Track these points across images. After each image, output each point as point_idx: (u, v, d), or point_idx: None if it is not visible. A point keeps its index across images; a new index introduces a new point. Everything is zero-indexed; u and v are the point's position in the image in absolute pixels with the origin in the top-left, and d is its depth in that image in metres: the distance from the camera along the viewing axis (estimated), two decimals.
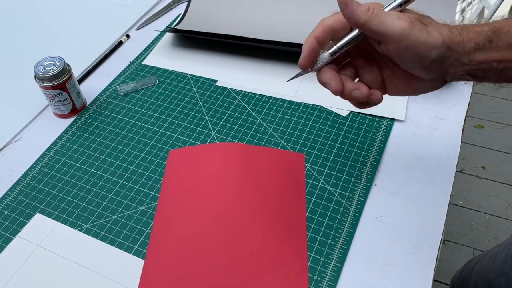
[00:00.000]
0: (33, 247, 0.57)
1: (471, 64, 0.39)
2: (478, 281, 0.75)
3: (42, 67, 0.68)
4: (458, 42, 0.38)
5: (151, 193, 0.62)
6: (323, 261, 0.54)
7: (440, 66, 0.39)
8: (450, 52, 0.38)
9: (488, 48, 0.38)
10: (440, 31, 0.38)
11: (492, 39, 0.38)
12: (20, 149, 0.69)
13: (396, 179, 0.62)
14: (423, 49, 0.38)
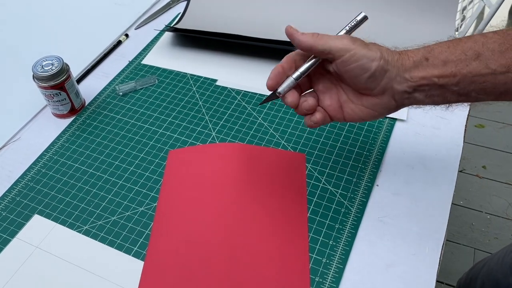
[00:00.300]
0: (31, 248, 0.57)
1: (413, 80, 0.43)
2: (485, 281, 0.75)
3: (40, 67, 0.67)
4: (396, 59, 0.43)
5: (150, 194, 0.61)
6: (325, 262, 0.54)
7: (383, 80, 0.44)
8: (388, 65, 0.43)
9: (426, 65, 0.43)
10: (379, 48, 0.44)
11: (428, 57, 0.43)
12: (19, 149, 0.69)
13: (398, 179, 0.61)
14: (364, 61, 0.43)
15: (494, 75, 0.41)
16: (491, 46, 0.41)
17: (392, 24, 0.79)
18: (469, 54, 0.42)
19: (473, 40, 0.42)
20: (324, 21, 0.82)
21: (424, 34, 0.78)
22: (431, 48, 0.43)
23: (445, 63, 0.42)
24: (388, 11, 0.80)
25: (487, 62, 0.41)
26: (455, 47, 0.42)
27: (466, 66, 0.41)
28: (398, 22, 0.79)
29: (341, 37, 0.45)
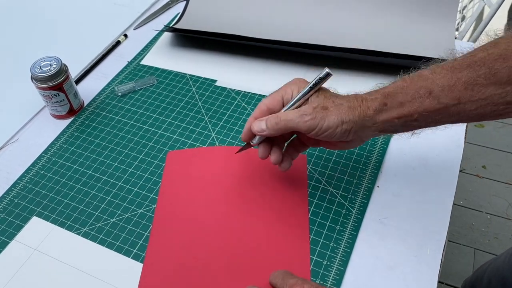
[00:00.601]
0: (30, 251, 0.56)
1: (377, 125, 0.48)
2: (492, 279, 0.75)
3: (38, 68, 0.67)
4: (357, 114, 0.47)
5: (150, 195, 0.61)
6: (326, 264, 0.53)
7: (350, 135, 0.49)
8: (351, 124, 0.48)
9: (385, 110, 0.47)
10: (339, 112, 0.48)
11: (386, 102, 0.46)
12: (17, 151, 0.68)
13: (399, 181, 0.61)
14: (328, 131, 0.48)
15: (447, 108, 0.45)
16: (440, 82, 0.44)
17: (392, 23, 0.79)
18: (421, 93, 0.45)
19: (424, 79, 0.46)
20: (323, 20, 0.81)
21: (424, 34, 0.78)
22: (388, 92, 0.47)
23: (402, 105, 0.46)
24: (388, 10, 0.80)
25: (439, 98, 0.44)
26: (409, 88, 0.46)
27: (421, 104, 0.45)
28: (398, 22, 0.79)
29: (303, 117, 0.48)
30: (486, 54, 0.43)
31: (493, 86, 0.42)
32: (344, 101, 0.49)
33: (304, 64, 0.78)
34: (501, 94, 0.42)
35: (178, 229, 0.57)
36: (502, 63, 0.42)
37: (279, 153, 0.54)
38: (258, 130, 0.51)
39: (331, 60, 0.78)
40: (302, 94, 0.50)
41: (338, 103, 0.48)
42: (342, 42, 0.75)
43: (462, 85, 0.43)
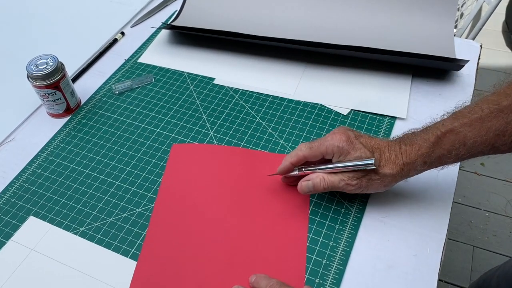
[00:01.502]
0: (26, 251, 0.56)
1: (417, 173, 0.53)
2: (501, 283, 0.74)
3: (34, 66, 0.66)
4: (401, 176, 0.52)
5: (148, 195, 0.60)
6: (325, 263, 0.53)
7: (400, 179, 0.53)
8: (393, 183, 0.53)
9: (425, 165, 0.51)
10: (382, 182, 0.52)
11: (426, 161, 0.51)
12: (13, 150, 0.68)
13: None
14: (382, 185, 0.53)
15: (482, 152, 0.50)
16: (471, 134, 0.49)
17: (390, 20, 0.79)
18: (456, 146, 0.50)
19: (455, 132, 0.50)
20: (320, 17, 0.81)
21: (423, 31, 0.77)
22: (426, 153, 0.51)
23: (440, 159, 0.51)
24: (386, 8, 0.79)
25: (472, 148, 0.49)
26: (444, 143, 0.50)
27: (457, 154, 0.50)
28: (397, 19, 0.79)
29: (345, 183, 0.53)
30: (511, 101, 0.47)
31: None
32: (387, 169, 0.52)
33: (303, 61, 0.78)
34: None
35: (175, 224, 0.57)
36: None
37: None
38: (306, 191, 0.55)
39: (328, 57, 0.77)
40: (343, 169, 0.53)
41: (383, 174, 0.52)
42: (339, 40, 0.74)
43: (492, 133, 0.48)
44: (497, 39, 2.11)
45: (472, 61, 0.75)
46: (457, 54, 0.74)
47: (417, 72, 0.74)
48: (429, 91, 0.72)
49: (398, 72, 0.74)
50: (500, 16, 2.15)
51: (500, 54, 2.03)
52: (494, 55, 2.01)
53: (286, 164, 0.56)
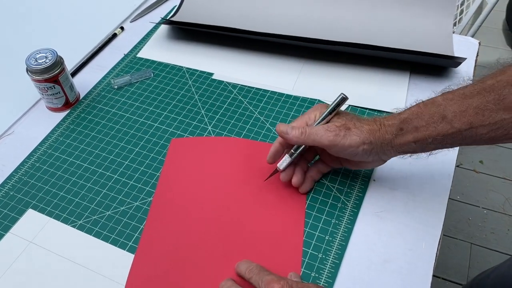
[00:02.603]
0: (25, 243, 0.56)
1: (395, 148, 0.51)
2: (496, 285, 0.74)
3: (34, 60, 0.66)
4: (378, 136, 0.51)
5: (145, 188, 0.61)
6: (321, 257, 0.53)
7: (370, 155, 0.52)
8: (371, 145, 0.51)
9: (401, 134, 0.50)
10: (360, 133, 0.51)
11: (402, 127, 0.50)
12: (12, 143, 0.68)
13: (395, 174, 0.61)
14: (350, 149, 0.51)
15: (460, 132, 0.47)
16: (452, 108, 0.47)
17: (389, 17, 0.79)
18: (435, 118, 0.48)
19: (437, 105, 0.49)
20: (319, 14, 0.81)
21: (421, 28, 0.77)
22: (404, 118, 0.50)
23: (417, 129, 0.49)
24: (385, 4, 0.79)
25: (451, 123, 0.47)
26: (423, 114, 0.49)
27: (434, 128, 0.48)
28: (395, 15, 0.79)
29: (326, 131, 0.51)
30: (495, 81, 0.46)
31: (502, 111, 0.45)
32: (364, 124, 0.52)
33: (302, 57, 0.78)
34: (510, 119, 0.45)
35: (173, 217, 0.57)
36: (510, 89, 0.44)
37: (301, 175, 0.57)
38: (283, 131, 0.53)
39: (327, 53, 0.77)
40: (323, 117, 0.54)
41: (359, 125, 0.52)
42: (338, 36, 0.74)
43: (473, 110, 0.46)
44: (497, 37, 2.11)
45: (470, 58, 0.75)
46: (455, 51, 0.74)
47: (415, 68, 0.75)
48: (427, 87, 0.72)
49: (396, 69, 0.75)
50: (501, 13, 2.14)
51: (500, 52, 2.03)
52: (494, 53, 2.01)
53: (274, 145, 0.56)
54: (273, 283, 0.45)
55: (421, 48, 0.71)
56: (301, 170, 0.57)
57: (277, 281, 0.45)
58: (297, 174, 0.57)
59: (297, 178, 0.56)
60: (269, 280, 0.46)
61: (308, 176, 0.58)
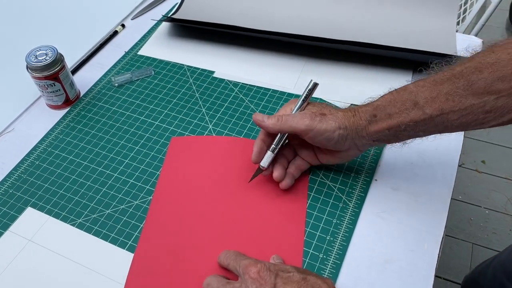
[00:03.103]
0: (24, 241, 0.56)
1: (370, 134, 0.52)
2: (497, 274, 0.75)
3: (34, 57, 0.66)
4: (352, 122, 0.52)
5: (145, 187, 0.60)
6: (322, 257, 0.53)
7: (346, 142, 0.52)
8: (347, 130, 0.51)
9: (375, 121, 0.51)
10: (336, 118, 0.52)
11: (375, 114, 0.51)
12: (12, 141, 0.68)
13: (397, 174, 0.61)
14: (326, 134, 0.52)
15: (432, 118, 0.48)
16: (423, 95, 0.48)
17: (392, 15, 0.78)
18: (408, 105, 0.49)
19: (409, 92, 0.49)
20: (322, 12, 0.80)
21: (425, 27, 0.77)
22: (377, 104, 0.51)
23: (390, 116, 0.50)
24: (389, 3, 0.79)
25: (423, 109, 0.48)
26: (396, 100, 0.50)
27: (407, 115, 0.49)
28: (398, 14, 0.78)
29: (303, 117, 0.52)
30: (464, 68, 0.47)
31: (471, 96, 0.46)
32: (339, 110, 0.53)
33: (303, 56, 0.77)
34: (479, 104, 0.46)
35: (173, 216, 0.57)
36: (478, 75, 0.45)
37: (281, 170, 0.56)
38: (259, 119, 0.54)
39: (329, 52, 0.77)
40: (298, 107, 0.55)
41: (334, 111, 0.53)
42: (341, 35, 0.74)
43: (443, 96, 0.47)
44: (500, 36, 2.10)
45: None
46: (458, 49, 0.74)
47: (417, 67, 0.74)
48: None
49: (399, 67, 0.74)
50: (505, 12, 2.13)
51: None
52: None
53: (257, 142, 0.56)
54: (251, 267, 0.45)
55: (424, 47, 0.70)
56: (282, 166, 0.57)
57: (254, 264, 0.45)
58: (278, 169, 0.57)
59: (278, 173, 0.56)
60: (246, 264, 0.46)
61: (288, 173, 0.58)
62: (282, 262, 0.51)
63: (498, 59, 0.45)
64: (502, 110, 0.45)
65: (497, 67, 0.44)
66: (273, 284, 0.43)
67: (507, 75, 0.44)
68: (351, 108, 0.53)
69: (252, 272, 0.44)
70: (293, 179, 0.58)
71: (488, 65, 0.45)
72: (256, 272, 0.44)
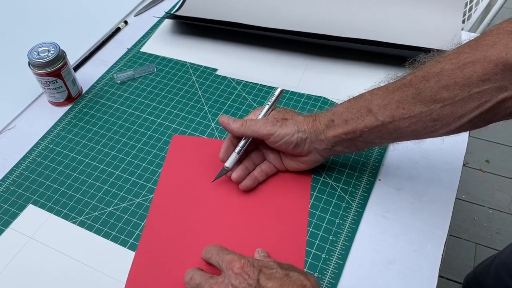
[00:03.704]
0: (25, 239, 0.55)
1: (328, 139, 0.54)
2: (500, 272, 0.74)
3: (36, 53, 0.65)
4: (311, 125, 0.54)
5: (147, 185, 0.60)
6: (324, 257, 0.52)
7: (305, 145, 0.54)
8: (306, 133, 0.54)
9: (333, 126, 0.53)
10: (296, 122, 0.54)
11: (333, 119, 0.53)
12: (13, 138, 0.67)
13: (401, 174, 0.60)
14: (286, 138, 0.54)
15: (384, 125, 0.50)
16: (377, 102, 0.50)
17: (398, 14, 0.77)
18: (362, 112, 0.51)
19: (364, 99, 0.51)
20: (325, 9, 0.80)
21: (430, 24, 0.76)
22: (335, 111, 0.53)
23: (346, 122, 0.52)
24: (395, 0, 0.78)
25: (376, 116, 0.50)
26: (352, 107, 0.52)
27: (362, 121, 0.51)
28: (405, 12, 0.77)
29: (265, 122, 0.54)
30: (413, 77, 0.49)
31: (420, 104, 0.47)
32: (300, 116, 0.56)
33: (307, 53, 0.77)
34: (427, 112, 0.47)
35: (174, 214, 0.56)
36: (425, 83, 0.47)
37: (242, 172, 0.57)
38: (224, 121, 0.56)
39: (333, 50, 0.76)
40: (264, 113, 0.57)
41: (295, 116, 0.55)
42: (345, 32, 0.73)
43: (394, 104, 0.49)
44: None
45: None
46: None
47: None
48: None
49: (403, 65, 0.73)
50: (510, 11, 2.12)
51: None
52: None
53: (226, 141, 0.57)
54: (234, 262, 0.45)
55: (430, 45, 0.70)
56: (245, 168, 0.58)
57: (238, 259, 0.45)
58: (238, 170, 0.57)
59: (237, 174, 0.57)
60: (229, 259, 0.46)
61: (251, 175, 0.58)
62: (266, 255, 0.51)
63: (443, 69, 0.46)
64: (448, 118, 0.47)
65: (442, 76, 0.46)
66: (257, 280, 0.43)
67: (451, 84, 0.45)
68: (312, 114, 0.56)
69: (236, 267, 0.44)
70: (255, 181, 0.58)
71: (434, 74, 0.47)
72: (240, 268, 0.44)
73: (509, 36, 0.43)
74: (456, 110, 0.46)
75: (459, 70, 0.45)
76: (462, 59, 0.45)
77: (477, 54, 0.44)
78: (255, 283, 0.43)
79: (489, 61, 0.43)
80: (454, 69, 0.45)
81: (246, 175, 0.58)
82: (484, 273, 0.80)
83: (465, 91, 0.45)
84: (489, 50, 0.43)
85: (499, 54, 0.43)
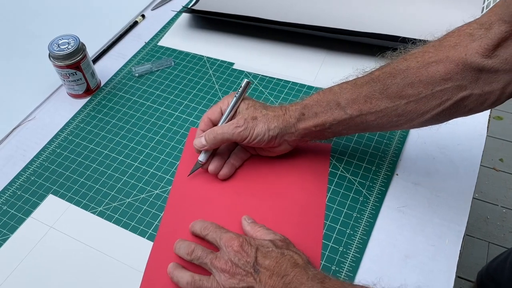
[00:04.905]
0: (46, 228, 0.56)
1: (298, 131, 0.55)
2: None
3: (56, 46, 0.66)
4: (282, 121, 0.55)
5: (166, 177, 0.61)
6: (342, 251, 0.53)
7: (277, 139, 0.56)
8: (276, 130, 0.55)
9: (303, 119, 0.54)
10: (266, 120, 0.55)
11: (304, 112, 0.54)
12: (33, 129, 0.68)
13: (418, 169, 0.60)
14: (258, 138, 0.55)
15: (352, 118, 0.52)
16: (345, 96, 0.52)
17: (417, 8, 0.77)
18: (332, 105, 0.53)
19: (333, 93, 0.53)
20: (344, 3, 0.79)
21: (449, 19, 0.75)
22: (305, 104, 0.55)
23: (316, 115, 0.54)
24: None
25: (345, 109, 0.52)
26: (322, 101, 0.54)
27: (331, 114, 0.53)
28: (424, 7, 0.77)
29: (235, 127, 0.55)
30: (381, 72, 0.50)
31: (386, 99, 0.49)
32: (270, 111, 0.56)
33: (324, 48, 0.77)
34: (393, 107, 0.49)
35: (192, 206, 0.57)
36: (392, 80, 0.49)
37: (217, 163, 0.59)
38: (200, 146, 0.57)
39: (350, 44, 0.76)
40: (232, 106, 0.57)
41: (265, 113, 0.56)
42: (362, 27, 0.73)
43: (362, 98, 0.51)
44: None
45: None
46: None
47: None
48: None
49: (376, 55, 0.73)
50: None
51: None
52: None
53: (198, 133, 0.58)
54: (233, 241, 0.47)
55: None
56: (220, 157, 0.59)
57: (236, 238, 0.48)
58: (214, 162, 0.59)
59: (214, 166, 0.58)
60: (228, 237, 0.48)
61: (228, 162, 0.60)
62: (253, 222, 0.53)
63: (409, 67, 0.48)
64: (412, 114, 0.48)
65: (407, 74, 0.48)
66: (254, 257, 0.46)
67: (415, 82, 0.47)
68: (282, 106, 0.57)
69: (235, 245, 0.47)
70: (233, 168, 0.60)
71: (401, 71, 0.48)
72: (239, 245, 0.47)
73: (469, 38, 0.45)
74: (420, 107, 0.48)
75: (424, 69, 0.47)
76: (426, 58, 0.47)
77: (440, 54, 0.46)
78: (253, 260, 0.46)
79: (451, 61, 0.45)
80: (419, 67, 0.47)
81: (222, 165, 0.59)
82: (500, 270, 0.80)
83: (428, 89, 0.47)
84: (451, 51, 0.46)
85: (459, 55, 0.45)
